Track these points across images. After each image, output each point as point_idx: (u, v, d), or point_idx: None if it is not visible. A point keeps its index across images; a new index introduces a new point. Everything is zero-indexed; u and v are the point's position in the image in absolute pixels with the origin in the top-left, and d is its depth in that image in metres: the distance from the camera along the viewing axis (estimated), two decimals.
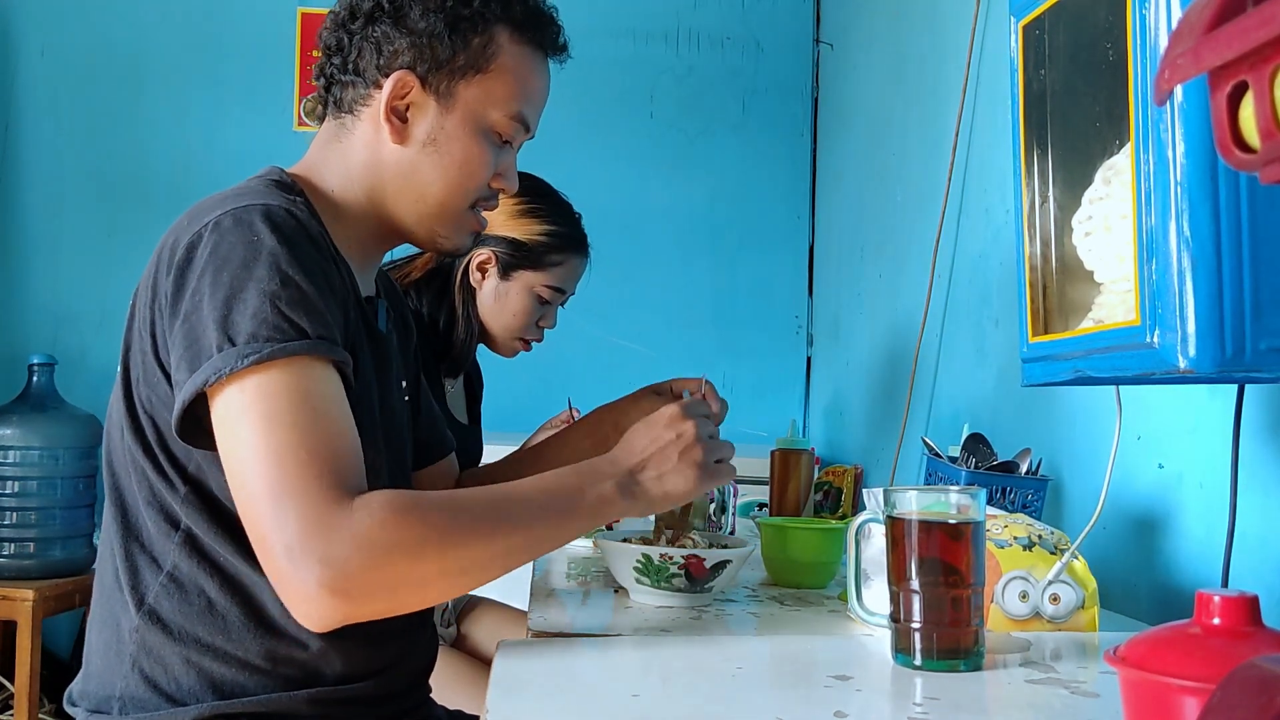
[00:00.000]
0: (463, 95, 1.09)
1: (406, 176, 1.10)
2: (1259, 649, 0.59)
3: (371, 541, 0.85)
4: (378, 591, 0.87)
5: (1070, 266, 0.91)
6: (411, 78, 1.07)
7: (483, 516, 0.93)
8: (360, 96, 1.10)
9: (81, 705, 1.03)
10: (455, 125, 1.09)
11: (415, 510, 0.89)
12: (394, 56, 1.08)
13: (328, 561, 0.84)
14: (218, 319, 0.90)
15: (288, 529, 0.85)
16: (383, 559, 0.86)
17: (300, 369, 0.90)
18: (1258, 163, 0.45)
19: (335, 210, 1.10)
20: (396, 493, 0.90)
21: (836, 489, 2.21)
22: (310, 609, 0.86)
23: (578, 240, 1.83)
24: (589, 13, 3.02)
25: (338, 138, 1.12)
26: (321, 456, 0.88)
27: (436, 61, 1.08)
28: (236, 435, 0.89)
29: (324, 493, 0.86)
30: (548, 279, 1.80)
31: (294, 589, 0.86)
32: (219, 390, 0.90)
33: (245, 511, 0.89)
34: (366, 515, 0.86)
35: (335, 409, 0.92)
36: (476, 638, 1.97)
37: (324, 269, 0.97)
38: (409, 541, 0.87)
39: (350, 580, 0.85)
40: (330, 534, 0.85)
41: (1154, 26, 0.77)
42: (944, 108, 2.08)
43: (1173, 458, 1.28)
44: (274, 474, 0.87)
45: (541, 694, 0.83)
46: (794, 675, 0.92)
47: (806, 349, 3.25)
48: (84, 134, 3.12)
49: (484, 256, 1.79)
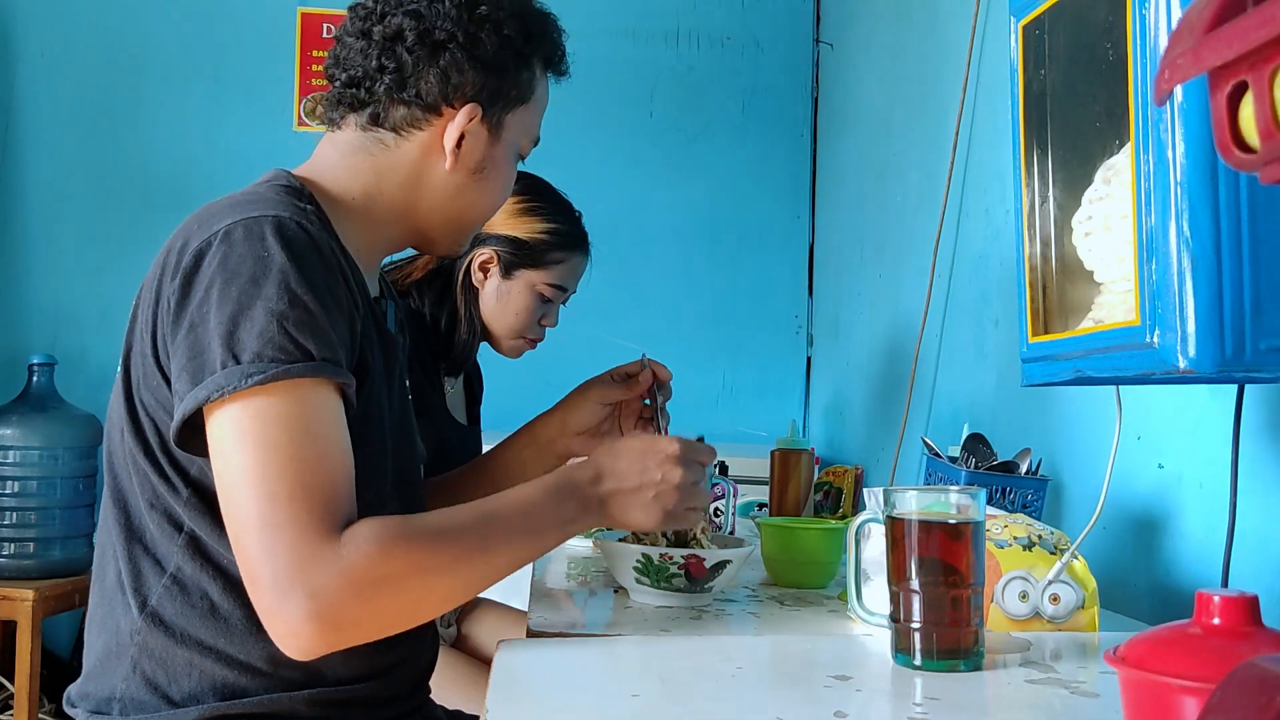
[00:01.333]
0: (509, 125, 1.13)
1: (450, 199, 1.12)
2: (1259, 649, 0.59)
3: (358, 576, 0.87)
4: (363, 622, 0.90)
5: (1070, 266, 0.91)
6: (478, 109, 1.09)
7: (466, 542, 0.95)
8: (414, 119, 1.09)
9: (81, 706, 1.03)
10: (501, 154, 1.13)
11: (401, 542, 0.90)
12: (463, 87, 1.08)
13: (315, 595, 0.86)
14: (223, 334, 0.90)
15: (276, 561, 0.87)
16: (369, 592, 0.88)
17: (302, 393, 0.91)
18: (1258, 163, 0.45)
19: (347, 214, 1.09)
20: (383, 524, 0.91)
21: (837, 489, 2.21)
22: (297, 641, 0.88)
23: (579, 238, 1.83)
24: (589, 13, 3.03)
25: (369, 151, 1.10)
26: (314, 489, 0.89)
27: (501, 95, 1.10)
28: (231, 459, 0.90)
29: (314, 526, 0.88)
30: (550, 277, 1.80)
31: (280, 621, 0.87)
32: (218, 407, 0.91)
33: (235, 538, 0.91)
34: (354, 549, 0.88)
35: (333, 434, 0.93)
36: (477, 638, 1.97)
37: (332, 285, 0.97)
38: (394, 574, 0.90)
39: (337, 613, 0.87)
40: (318, 567, 0.87)
41: (1154, 26, 0.77)
42: (944, 108, 2.08)
43: (1173, 458, 1.28)
44: (266, 505, 0.88)
45: (541, 694, 0.83)
46: (794, 675, 0.92)
47: (806, 349, 3.25)
48: (84, 134, 3.12)
49: (485, 256, 1.79)
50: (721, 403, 3.19)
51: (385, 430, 1.07)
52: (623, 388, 1.33)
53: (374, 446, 1.04)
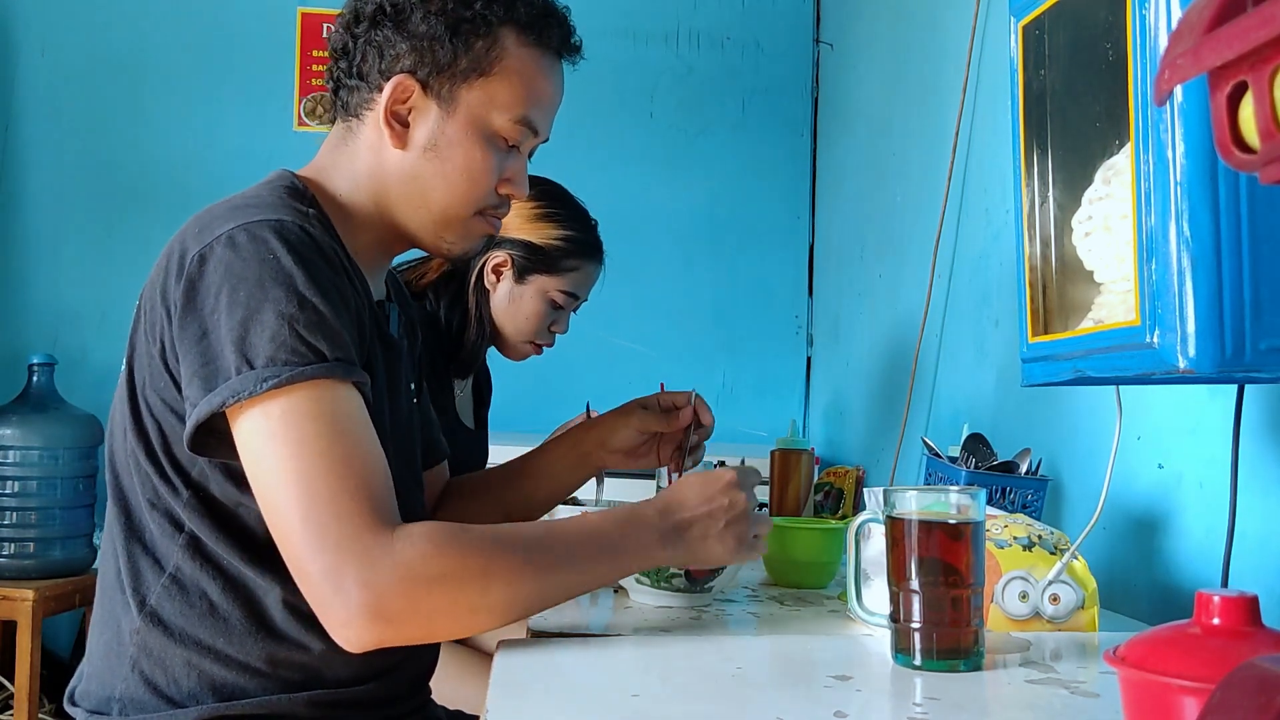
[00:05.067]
0: (465, 100, 1.08)
1: (409, 182, 1.09)
2: (1259, 649, 0.59)
3: (413, 571, 0.88)
4: (415, 619, 0.89)
5: (1070, 266, 0.91)
6: (412, 82, 1.07)
7: (524, 556, 0.94)
8: (364, 100, 1.09)
9: (81, 706, 1.03)
10: (457, 130, 1.08)
11: (456, 544, 0.90)
12: (395, 60, 1.07)
13: (369, 586, 0.86)
14: (235, 339, 0.91)
15: (326, 554, 0.87)
16: (424, 589, 0.88)
17: (321, 392, 0.91)
18: (1258, 163, 0.45)
19: (345, 215, 1.09)
20: (438, 525, 0.91)
21: (838, 490, 2.21)
22: (349, 632, 0.88)
23: (593, 246, 1.83)
24: (589, 13, 3.00)
25: (345, 142, 1.11)
26: (353, 482, 0.89)
27: (437, 65, 1.07)
28: (264, 462, 0.90)
29: (361, 518, 0.88)
30: (562, 284, 1.80)
31: (334, 612, 0.87)
32: (239, 413, 0.91)
33: (281, 538, 0.91)
34: (409, 545, 0.88)
35: (361, 430, 0.93)
36: (478, 638, 1.97)
37: (338, 286, 0.97)
38: (450, 574, 0.89)
39: (391, 606, 0.87)
40: (371, 560, 0.87)
41: (1154, 26, 0.77)
42: (944, 108, 2.08)
43: (1173, 458, 1.28)
44: (307, 501, 0.88)
45: (541, 694, 0.83)
46: (794, 675, 0.92)
47: (806, 349, 3.24)
48: (84, 133, 3.11)
49: (499, 259, 1.79)
50: (721, 403, 3.18)
51: (385, 433, 1.07)
52: (662, 419, 1.32)
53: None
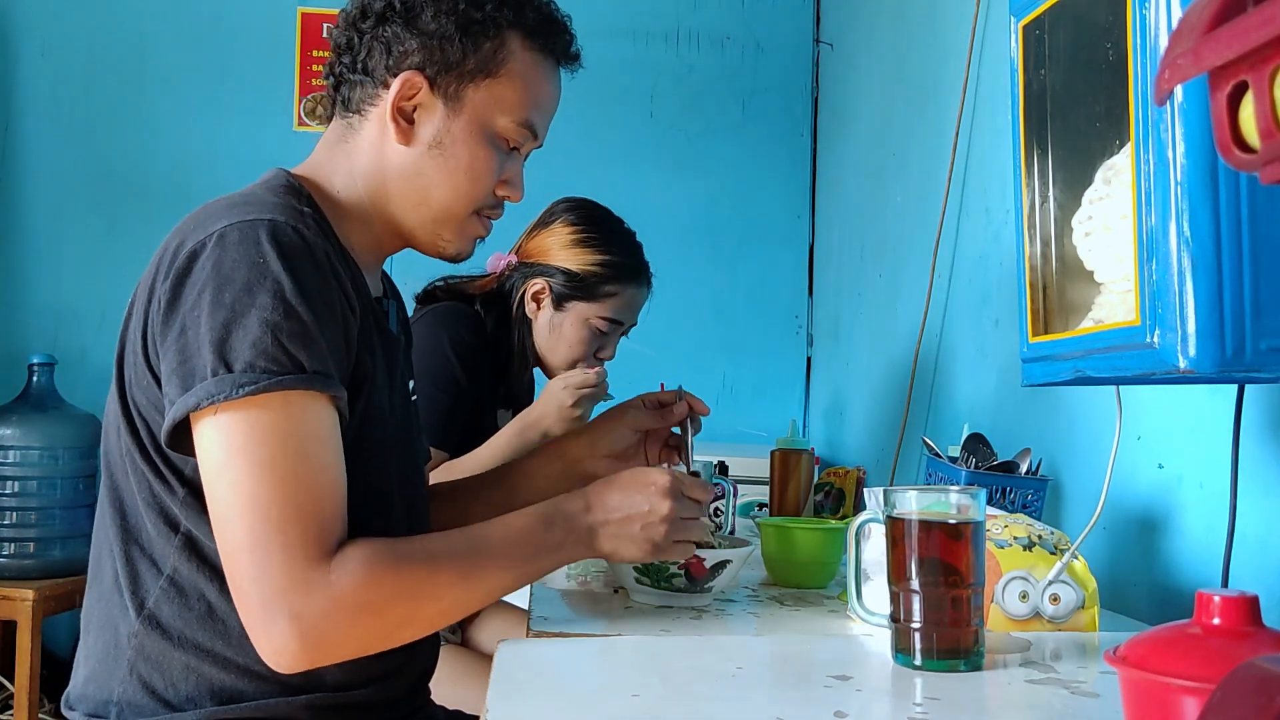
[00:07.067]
0: (471, 99, 1.08)
1: (410, 178, 1.09)
2: (1259, 649, 0.59)
3: (344, 602, 0.90)
4: (346, 645, 0.93)
5: (1070, 266, 0.91)
6: (420, 79, 1.07)
7: (455, 568, 0.96)
8: (368, 96, 1.09)
9: (79, 709, 1.02)
10: (462, 129, 1.09)
11: (391, 568, 0.92)
12: (403, 57, 1.07)
13: (301, 618, 0.88)
14: (215, 341, 0.90)
15: (265, 584, 0.89)
16: (354, 617, 0.91)
17: (293, 405, 0.91)
18: (1258, 163, 0.45)
19: (342, 213, 1.09)
20: (373, 548, 0.92)
21: (839, 490, 2.21)
22: (280, 659, 0.90)
23: (635, 270, 1.78)
24: (589, 13, 3.00)
25: (344, 138, 1.11)
26: (305, 510, 0.90)
27: (446, 64, 1.07)
28: (224, 474, 0.91)
29: (304, 550, 0.89)
30: (603, 310, 1.77)
31: (266, 639, 0.90)
32: (207, 414, 0.91)
33: (225, 553, 0.92)
34: (344, 574, 0.90)
35: (325, 451, 0.93)
36: (479, 639, 1.97)
37: (326, 292, 0.96)
38: (380, 600, 0.92)
39: (322, 637, 0.90)
40: (307, 591, 0.89)
41: (1154, 26, 0.77)
42: (944, 108, 2.08)
43: (1173, 458, 1.28)
44: (258, 525, 0.89)
45: (541, 694, 0.83)
46: (794, 675, 0.92)
47: (806, 349, 3.24)
48: (84, 134, 3.11)
49: (538, 287, 1.76)
50: (721, 402, 3.18)
51: (387, 428, 1.07)
52: (656, 416, 1.31)
53: (376, 444, 1.04)
